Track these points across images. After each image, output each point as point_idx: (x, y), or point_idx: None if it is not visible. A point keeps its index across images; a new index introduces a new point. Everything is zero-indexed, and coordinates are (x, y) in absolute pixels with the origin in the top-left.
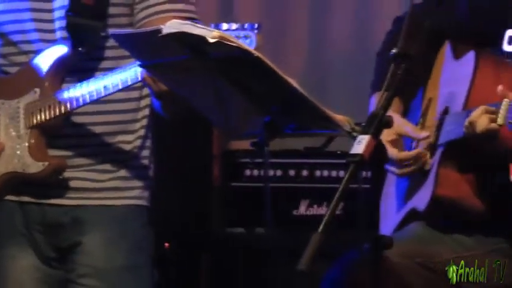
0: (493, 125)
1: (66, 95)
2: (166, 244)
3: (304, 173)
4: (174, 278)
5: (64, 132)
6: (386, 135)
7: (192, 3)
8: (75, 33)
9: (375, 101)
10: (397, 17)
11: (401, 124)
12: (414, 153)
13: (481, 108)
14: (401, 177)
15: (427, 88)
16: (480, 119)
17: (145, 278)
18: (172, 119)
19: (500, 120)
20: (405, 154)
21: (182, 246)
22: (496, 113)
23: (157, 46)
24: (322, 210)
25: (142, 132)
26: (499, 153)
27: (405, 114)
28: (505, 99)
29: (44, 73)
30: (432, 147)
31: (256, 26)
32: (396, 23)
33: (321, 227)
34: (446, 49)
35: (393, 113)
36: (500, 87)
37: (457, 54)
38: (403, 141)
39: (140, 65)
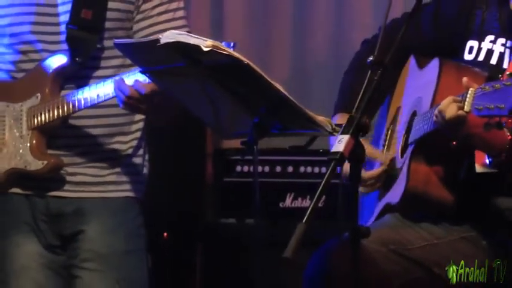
0: (461, 112)
1: (64, 100)
2: (165, 234)
3: (290, 169)
4: (170, 265)
5: (64, 134)
6: None
7: (187, 25)
8: (74, 45)
9: (335, 121)
10: (364, 40)
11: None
12: (378, 172)
13: (449, 98)
14: (366, 194)
15: (393, 100)
16: (449, 108)
17: (142, 261)
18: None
19: (467, 107)
20: (370, 173)
21: (179, 236)
22: (462, 101)
23: (156, 54)
24: (306, 202)
25: (138, 133)
26: (465, 138)
27: (374, 117)
28: (471, 88)
29: (45, 80)
30: (403, 149)
31: (232, 44)
32: (364, 44)
33: (305, 218)
34: (411, 63)
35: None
36: (465, 79)
37: (421, 64)
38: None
39: (141, 71)
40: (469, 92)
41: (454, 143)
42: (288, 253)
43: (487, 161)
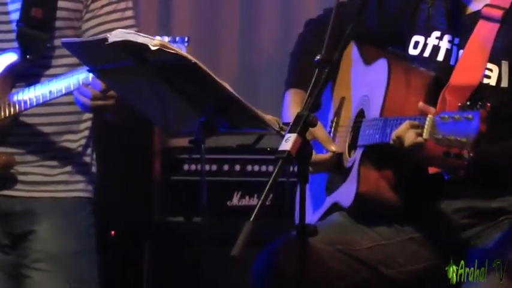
0: (420, 139)
1: (15, 98)
2: (113, 232)
3: (237, 167)
4: (118, 263)
5: (15, 132)
6: None
7: (135, 25)
8: (25, 43)
9: (288, 97)
10: (309, 20)
11: (317, 128)
12: (327, 156)
13: (407, 123)
14: (314, 174)
15: (336, 86)
16: (407, 134)
17: (93, 261)
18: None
19: (425, 135)
20: (319, 157)
21: (126, 234)
22: (420, 127)
23: (104, 53)
24: (253, 201)
25: (86, 132)
26: (423, 161)
27: (318, 107)
28: (429, 115)
29: None
30: (350, 147)
31: (186, 39)
32: (307, 25)
33: (252, 217)
34: (353, 51)
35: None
36: (420, 104)
37: (367, 59)
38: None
39: (89, 70)
40: (428, 119)
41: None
42: (235, 251)
43: (445, 177)
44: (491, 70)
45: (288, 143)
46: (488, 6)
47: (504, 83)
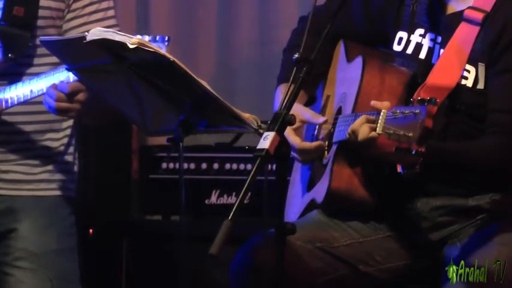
0: (373, 133)
1: None
2: (91, 230)
3: (215, 166)
4: (98, 261)
5: None
6: None
7: (117, 24)
8: (7, 41)
9: (279, 92)
10: (301, 16)
11: (302, 112)
12: (314, 145)
13: (363, 117)
14: (304, 164)
15: (326, 84)
16: (361, 128)
17: (74, 259)
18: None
19: (378, 129)
20: (307, 145)
21: (105, 232)
22: (376, 122)
23: (82, 51)
24: (232, 199)
25: (68, 131)
26: (378, 157)
27: (312, 102)
28: (383, 110)
29: None
30: (329, 144)
31: (166, 38)
32: (301, 21)
33: (230, 215)
34: (341, 50)
35: (296, 104)
36: (373, 102)
37: (349, 57)
38: (304, 130)
39: (67, 68)
40: (381, 114)
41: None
42: (213, 250)
43: (401, 171)
44: (468, 71)
45: (266, 141)
46: (471, 8)
47: (480, 85)
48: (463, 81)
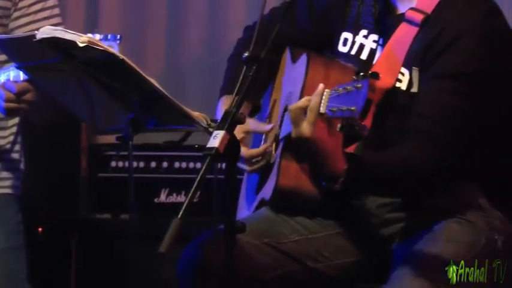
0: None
1: None
2: (40, 229)
3: (164, 164)
4: (46, 260)
5: None
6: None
7: (62, 22)
8: None
9: (221, 104)
10: (246, 26)
11: (246, 122)
12: (261, 149)
13: (304, 99)
14: (251, 173)
15: (273, 90)
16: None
17: (22, 258)
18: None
19: (322, 109)
20: (253, 151)
21: (53, 231)
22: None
23: (32, 50)
24: (181, 198)
25: (14, 129)
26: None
27: (257, 111)
28: (326, 90)
29: None
30: (276, 144)
31: (118, 37)
32: (246, 31)
33: (180, 214)
34: (287, 55)
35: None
36: (321, 85)
37: (294, 58)
38: (251, 139)
39: (16, 67)
40: (324, 93)
41: None
42: (163, 248)
43: (322, 184)
44: (403, 74)
45: (216, 140)
46: (412, 9)
47: (414, 89)
48: (398, 84)
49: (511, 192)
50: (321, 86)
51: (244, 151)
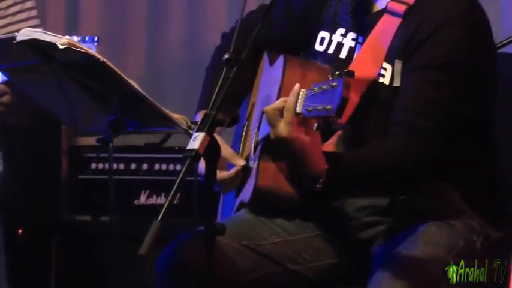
0: (290, 115)
1: None
2: (20, 231)
3: (145, 166)
4: (26, 262)
5: None
6: None
7: (41, 24)
8: None
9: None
10: (223, 33)
11: (221, 147)
12: (232, 173)
13: (280, 100)
14: (224, 194)
15: (251, 97)
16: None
17: (2, 260)
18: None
19: (298, 108)
20: (226, 174)
21: (34, 233)
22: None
23: (11, 52)
24: (161, 200)
25: None
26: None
27: (237, 121)
28: (302, 90)
29: None
30: (255, 146)
31: (96, 38)
32: (223, 38)
33: (160, 216)
34: (265, 59)
35: (216, 135)
36: (297, 85)
37: (271, 61)
38: (225, 163)
39: None
40: (300, 93)
41: None
42: (143, 250)
43: (303, 184)
44: (385, 69)
45: (196, 141)
46: (394, 1)
47: (397, 83)
48: (381, 79)
49: (489, 194)
50: (297, 85)
51: (217, 174)
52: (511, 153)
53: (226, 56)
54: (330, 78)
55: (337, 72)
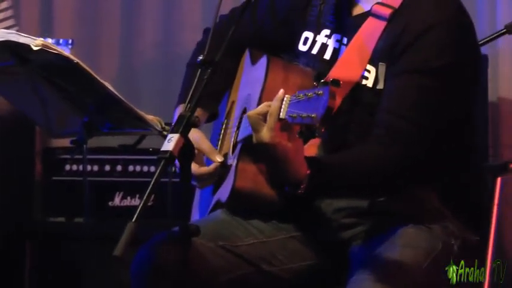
0: (274, 120)
1: None
2: None
3: (119, 168)
4: (0, 264)
5: None
6: None
7: (16, 24)
8: None
9: (178, 112)
10: (206, 28)
11: (200, 141)
12: (211, 168)
13: (264, 104)
14: (201, 189)
15: (231, 94)
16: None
17: None
18: None
19: (282, 114)
20: (204, 170)
21: (7, 235)
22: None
23: None
24: (135, 201)
25: None
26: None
27: (214, 118)
28: (286, 95)
29: None
30: (234, 146)
31: (70, 41)
32: (205, 33)
33: (134, 217)
34: (246, 57)
35: (195, 131)
36: (281, 90)
37: (253, 61)
38: (203, 157)
39: None
40: (284, 99)
41: None
42: (118, 252)
43: (285, 189)
44: (369, 71)
45: (170, 143)
46: (379, 4)
47: (380, 85)
48: (364, 82)
49: (467, 198)
50: (281, 91)
51: (195, 169)
52: (482, 154)
53: (200, 57)
54: (316, 85)
55: (322, 80)
